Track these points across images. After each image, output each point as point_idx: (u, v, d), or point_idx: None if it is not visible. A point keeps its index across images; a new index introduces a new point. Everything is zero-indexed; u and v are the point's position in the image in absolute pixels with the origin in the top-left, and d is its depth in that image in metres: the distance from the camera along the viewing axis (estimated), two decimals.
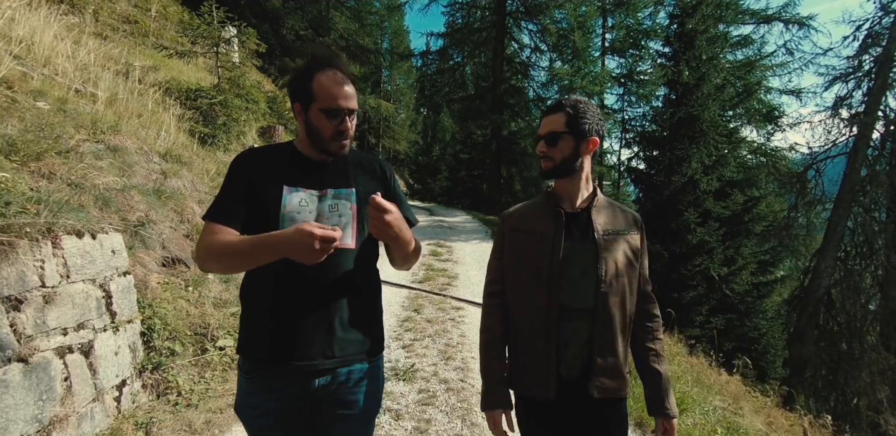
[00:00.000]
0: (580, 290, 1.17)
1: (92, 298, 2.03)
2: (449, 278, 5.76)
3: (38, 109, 3.48)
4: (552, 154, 1.19)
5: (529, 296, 1.19)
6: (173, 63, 7.91)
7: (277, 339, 1.06)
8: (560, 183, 1.24)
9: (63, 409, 1.79)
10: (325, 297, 1.07)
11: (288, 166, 1.10)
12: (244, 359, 1.11)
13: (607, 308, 1.16)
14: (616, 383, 1.18)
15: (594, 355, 1.16)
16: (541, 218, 1.23)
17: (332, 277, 1.07)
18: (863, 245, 12.55)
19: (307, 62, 1.09)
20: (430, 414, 2.50)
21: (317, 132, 1.07)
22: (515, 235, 1.25)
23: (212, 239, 1.01)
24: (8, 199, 1.92)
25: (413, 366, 3.06)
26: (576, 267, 1.17)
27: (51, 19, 5.30)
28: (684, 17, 10.31)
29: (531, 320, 1.19)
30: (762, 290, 9.91)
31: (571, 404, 1.18)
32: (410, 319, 4.13)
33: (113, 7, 8.91)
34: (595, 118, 1.20)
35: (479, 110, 17.26)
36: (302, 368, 1.06)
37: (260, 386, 1.08)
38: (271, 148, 1.17)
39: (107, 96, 4.79)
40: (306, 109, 1.07)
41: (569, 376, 1.17)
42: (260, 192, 1.06)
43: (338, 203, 1.10)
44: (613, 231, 1.21)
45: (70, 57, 5.05)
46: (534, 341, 1.18)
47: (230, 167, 1.11)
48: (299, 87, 1.07)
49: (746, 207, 9.61)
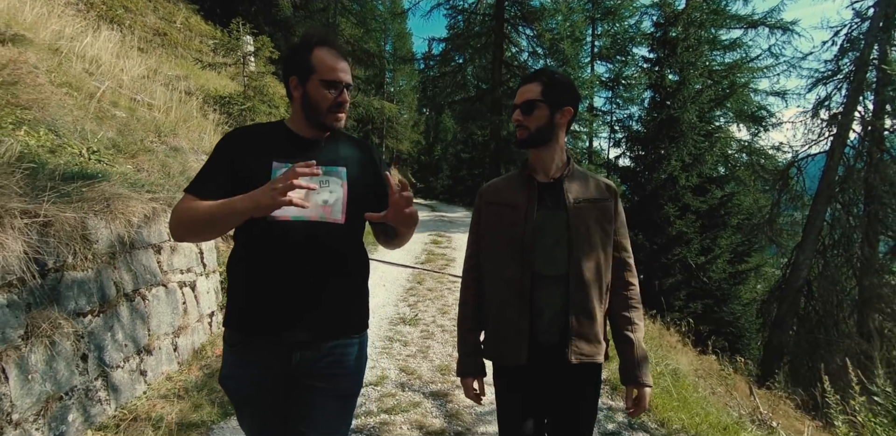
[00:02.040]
0: (553, 257, 1.20)
1: (193, 252, 2.93)
2: (447, 261, 6.64)
3: (118, 117, 4.39)
4: (527, 123, 1.21)
5: (503, 265, 1.22)
6: (200, 72, 8.82)
7: (260, 311, 1.07)
8: (535, 153, 1.26)
9: (184, 321, 2.69)
10: (311, 270, 1.07)
11: (278, 144, 1.11)
12: (229, 330, 1.13)
13: (580, 274, 1.19)
14: (592, 348, 1.20)
15: (569, 320, 1.18)
16: (515, 190, 1.26)
17: (318, 251, 1.08)
18: (840, 239, 13.35)
19: (303, 38, 1.11)
20: (429, 344, 3.39)
21: (315, 104, 1.08)
22: (490, 208, 1.29)
23: (181, 207, 1.02)
24: (142, 183, 2.81)
25: (416, 315, 3.95)
26: (548, 235, 1.20)
27: (109, 38, 6.21)
28: (667, 25, 11.14)
29: (505, 289, 1.22)
30: (737, 278, 10.74)
31: (547, 369, 1.21)
32: (414, 289, 5.01)
33: (144, 21, 9.83)
34: (570, 89, 1.23)
35: (479, 112, 18.12)
36: (284, 340, 1.07)
37: (243, 358, 1.11)
38: (261, 127, 1.17)
39: (159, 104, 5.70)
40: (305, 82, 1.08)
41: (547, 341, 1.20)
42: (248, 167, 1.06)
43: (329, 179, 1.10)
44: (585, 199, 1.23)
45: (124, 70, 5.96)
46: (506, 308, 1.21)
47: (217, 144, 1.11)
48: (297, 60, 1.09)
49: (722, 202, 10.45)
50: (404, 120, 31.03)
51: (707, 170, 10.52)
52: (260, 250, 1.06)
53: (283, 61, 1.14)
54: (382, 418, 2.34)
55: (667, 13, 11.20)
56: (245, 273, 1.10)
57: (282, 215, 1.03)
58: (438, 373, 2.90)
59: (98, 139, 3.40)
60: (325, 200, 1.08)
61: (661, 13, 11.46)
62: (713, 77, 14.72)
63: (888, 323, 12.33)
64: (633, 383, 1.24)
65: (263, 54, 8.97)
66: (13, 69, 3.09)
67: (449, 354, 3.26)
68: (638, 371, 1.23)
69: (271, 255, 1.05)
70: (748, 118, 15.92)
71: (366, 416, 2.37)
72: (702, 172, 10.49)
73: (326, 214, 1.08)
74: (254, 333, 1.08)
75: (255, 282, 1.07)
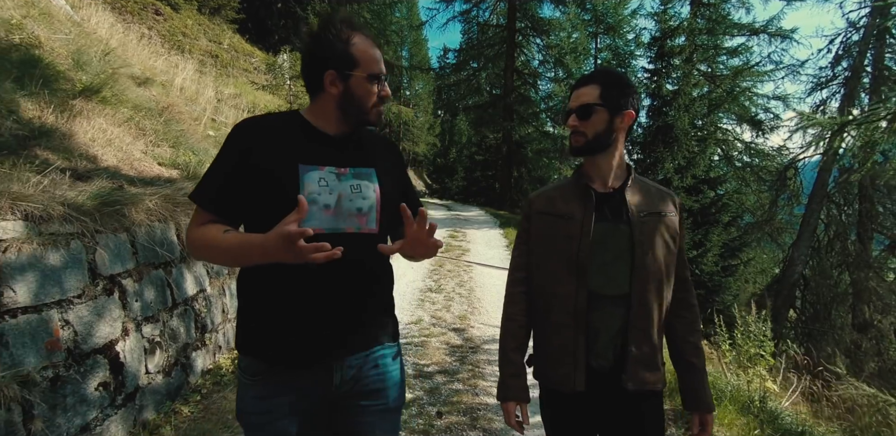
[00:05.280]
0: (612, 275, 1.11)
1: None
2: (463, 251, 7.86)
3: (211, 136, 5.73)
4: (584, 129, 1.12)
5: (557, 282, 1.13)
6: (249, 89, 10.23)
7: (293, 333, 0.95)
8: (591, 161, 1.17)
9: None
10: (345, 284, 0.97)
11: (300, 141, 0.98)
12: (250, 358, 0.99)
13: (643, 295, 1.10)
14: (652, 375, 1.12)
15: (629, 345, 1.10)
16: (569, 199, 1.17)
17: (355, 266, 0.98)
18: (834, 236, 14.17)
19: (330, 24, 0.97)
20: (451, 304, 4.62)
21: (359, 101, 0.98)
22: (542, 219, 1.19)
23: (196, 233, 0.94)
24: None
25: (440, 286, 5.19)
26: (607, 251, 1.11)
27: (185, 67, 7.60)
28: (664, 39, 12.17)
29: (559, 308, 1.13)
30: (728, 270, 11.71)
31: (602, 397, 1.12)
32: (437, 271, 6.25)
33: (199, 45, 11.30)
34: (631, 89, 1.13)
35: (491, 117, 19.30)
36: (323, 363, 0.98)
37: (273, 389, 0.97)
38: (274, 119, 1.02)
39: (230, 122, 7.05)
40: (347, 77, 0.96)
41: (600, 367, 1.11)
42: (270, 171, 0.93)
43: (360, 184, 1.00)
44: (650, 212, 1.13)
45: (200, 93, 7.34)
46: (561, 330, 1.13)
47: (228, 137, 0.97)
48: (335, 52, 0.95)
49: (714, 201, 11.44)
50: (420, 123, 32.30)
51: (700, 172, 11.51)
52: (290, 267, 0.88)
53: (311, 53, 0.99)
54: (423, 339, 3.59)
55: (664, 28, 12.23)
56: (271, 292, 0.97)
57: (315, 229, 0.90)
58: (458, 319, 4.13)
59: (212, 155, 4.72)
60: (360, 207, 0.99)
61: (659, 27, 12.49)
62: (716, 82, 15.65)
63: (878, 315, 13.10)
64: (700, 409, 1.17)
65: (296, 69, 10.36)
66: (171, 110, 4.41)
67: (465, 309, 4.47)
68: (705, 397, 1.16)
69: (303, 271, 0.92)
70: (749, 121, 16.79)
71: (412, 338, 3.60)
72: (695, 174, 11.49)
73: (361, 225, 1.00)
74: (282, 359, 0.97)
75: (284, 300, 0.96)
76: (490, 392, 2.82)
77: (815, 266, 14.13)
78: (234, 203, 0.96)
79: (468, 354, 3.42)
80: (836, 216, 14.11)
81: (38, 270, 1.64)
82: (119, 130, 3.24)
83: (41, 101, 2.79)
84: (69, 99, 3.08)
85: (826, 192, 14.08)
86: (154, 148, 3.60)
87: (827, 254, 14.17)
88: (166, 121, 4.24)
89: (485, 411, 2.61)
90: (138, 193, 2.26)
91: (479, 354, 3.42)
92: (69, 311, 1.75)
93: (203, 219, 0.96)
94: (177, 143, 4.03)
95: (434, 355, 3.33)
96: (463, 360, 3.31)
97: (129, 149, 3.17)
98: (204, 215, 0.97)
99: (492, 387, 2.88)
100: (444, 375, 3.05)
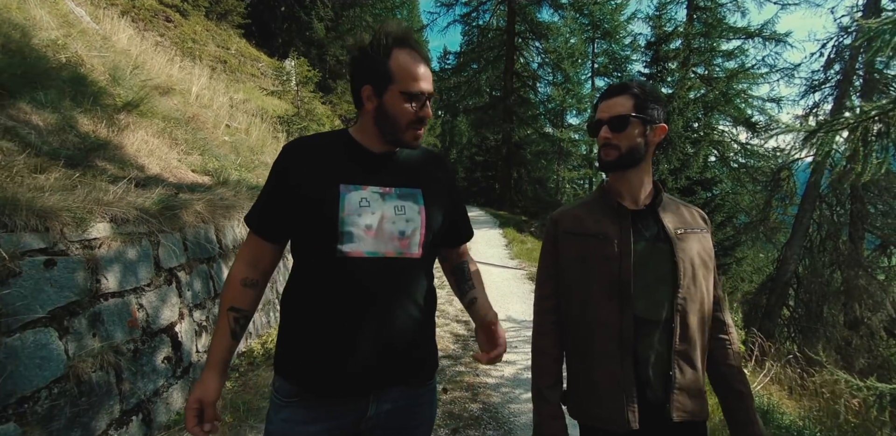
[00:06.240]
0: (656, 298, 1.04)
1: None
2: None
3: (227, 142, 6.10)
4: (618, 141, 1.06)
5: (597, 309, 1.05)
6: (257, 93, 10.59)
7: (329, 362, 0.93)
8: (621, 176, 1.10)
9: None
10: (386, 311, 0.94)
11: (343, 160, 0.97)
12: (286, 381, 0.97)
13: (686, 317, 1.03)
14: (696, 404, 1.04)
15: (673, 372, 1.02)
16: (600, 218, 1.09)
17: (394, 290, 0.95)
18: (826, 236, 14.55)
19: (379, 38, 0.92)
20: (453, 298, 4.99)
21: (393, 119, 0.95)
22: (572, 239, 1.11)
23: (228, 282, 1.01)
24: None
25: (443, 282, 5.57)
26: (650, 272, 1.04)
27: (199, 74, 7.97)
28: (659, 44, 12.55)
29: (601, 337, 1.04)
30: (721, 269, 12.11)
31: (649, 431, 1.03)
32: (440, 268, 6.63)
33: (208, 50, 11.67)
34: (663, 103, 1.09)
35: (491, 119, 19.67)
36: (358, 392, 0.95)
37: (305, 414, 0.95)
38: (323, 138, 1.02)
39: (242, 127, 7.42)
40: (381, 93, 0.94)
41: (655, 399, 1.03)
42: (312, 192, 0.92)
43: (404, 205, 0.97)
44: (686, 229, 1.08)
45: (213, 99, 7.70)
46: (606, 363, 1.03)
47: (276, 162, 0.98)
48: (373, 66, 0.92)
49: (706, 202, 11.81)
50: None
51: (694, 174, 11.88)
52: (328, 290, 0.91)
53: (353, 66, 0.97)
54: None
55: (658, 33, 12.61)
56: (310, 316, 0.95)
57: (354, 251, 0.90)
58: (460, 312, 4.50)
59: (232, 160, 5.09)
60: (403, 230, 0.96)
61: (654, 32, 12.87)
62: (712, 84, 16.04)
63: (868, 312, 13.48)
64: None
65: (302, 74, 10.73)
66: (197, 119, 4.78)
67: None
68: (757, 427, 1.07)
69: (342, 295, 0.91)
70: (744, 123, 17.17)
71: None
72: (689, 175, 11.86)
73: (403, 249, 0.96)
74: (318, 385, 0.94)
75: (324, 325, 0.93)
76: (489, 374, 3.20)
77: (807, 265, 14.52)
78: (277, 225, 0.99)
79: (470, 341, 3.80)
80: (829, 216, 14.49)
81: (121, 263, 2.01)
82: (157, 140, 3.62)
83: (94, 116, 3.16)
84: (114, 113, 3.45)
85: (818, 193, 14.46)
86: (186, 156, 3.97)
87: (819, 253, 14.55)
88: (193, 130, 4.61)
89: (484, 388, 2.98)
90: (188, 199, 2.64)
91: None
92: (142, 296, 2.12)
93: (252, 242, 1.02)
94: (204, 150, 4.41)
95: (439, 343, 3.70)
96: (465, 347, 3.69)
97: (167, 158, 3.54)
98: (252, 238, 1.02)
99: (490, 370, 3.25)
100: (448, 359, 3.42)
